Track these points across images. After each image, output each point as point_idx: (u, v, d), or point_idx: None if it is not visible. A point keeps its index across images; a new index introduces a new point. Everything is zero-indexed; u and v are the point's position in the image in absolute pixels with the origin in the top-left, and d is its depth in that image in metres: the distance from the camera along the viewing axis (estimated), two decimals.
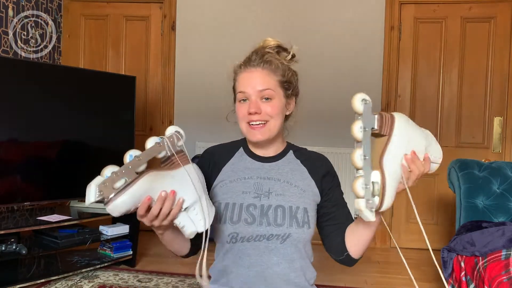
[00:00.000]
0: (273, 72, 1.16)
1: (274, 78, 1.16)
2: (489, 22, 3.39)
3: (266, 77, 1.16)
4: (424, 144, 1.00)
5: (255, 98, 1.14)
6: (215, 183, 1.22)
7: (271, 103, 1.15)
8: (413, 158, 0.98)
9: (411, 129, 0.99)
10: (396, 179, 0.97)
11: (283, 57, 1.20)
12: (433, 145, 1.03)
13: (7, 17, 3.08)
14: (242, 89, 1.16)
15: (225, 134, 1.56)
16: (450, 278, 1.99)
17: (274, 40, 1.21)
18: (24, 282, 2.29)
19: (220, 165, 1.23)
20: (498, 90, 3.39)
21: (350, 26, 3.51)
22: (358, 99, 0.98)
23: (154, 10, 3.71)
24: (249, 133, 1.17)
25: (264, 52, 1.19)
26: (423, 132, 1.02)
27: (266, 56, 1.17)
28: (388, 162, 0.96)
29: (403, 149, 0.97)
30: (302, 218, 1.15)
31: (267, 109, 1.14)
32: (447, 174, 2.37)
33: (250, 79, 1.16)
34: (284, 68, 1.19)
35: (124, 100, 2.93)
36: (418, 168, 0.98)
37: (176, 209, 0.96)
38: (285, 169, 1.22)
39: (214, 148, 1.29)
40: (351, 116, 1.05)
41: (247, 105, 1.15)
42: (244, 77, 1.17)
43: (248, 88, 1.15)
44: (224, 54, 3.57)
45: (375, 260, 3.15)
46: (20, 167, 2.48)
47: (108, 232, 2.69)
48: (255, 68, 1.16)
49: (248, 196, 1.16)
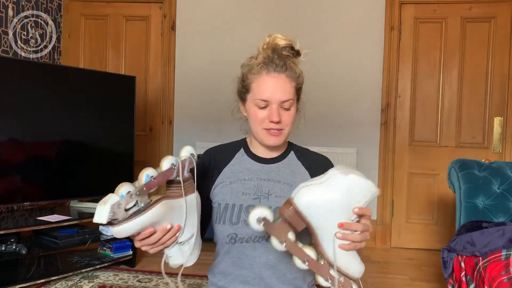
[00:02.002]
0: (293, 79, 1.14)
1: (293, 85, 1.14)
2: (489, 22, 3.39)
3: (288, 85, 1.12)
4: (347, 205, 0.91)
5: (276, 107, 1.12)
6: (215, 184, 1.22)
7: (289, 112, 1.14)
8: (343, 234, 0.92)
9: (322, 209, 0.91)
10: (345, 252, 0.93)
11: (298, 62, 1.17)
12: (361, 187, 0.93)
13: (7, 17, 3.08)
14: (264, 97, 1.12)
15: (225, 134, 1.57)
16: (450, 278, 1.99)
17: (285, 38, 1.16)
18: (24, 282, 2.29)
19: (221, 167, 1.23)
20: (498, 90, 3.39)
21: (350, 26, 3.51)
22: (253, 220, 0.93)
23: (154, 10, 3.71)
24: (266, 138, 1.16)
25: (285, 55, 1.14)
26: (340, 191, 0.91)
27: (288, 61, 1.13)
28: (327, 249, 0.92)
29: (330, 231, 0.91)
30: None
31: (285, 118, 1.13)
32: (447, 174, 2.37)
33: (274, 87, 1.12)
34: (300, 74, 1.16)
35: (124, 100, 2.93)
36: (356, 232, 0.92)
37: (172, 240, 0.97)
38: (285, 171, 1.21)
39: (215, 149, 1.28)
40: (351, 116, 1.05)
41: (266, 111, 1.13)
42: (267, 82, 1.12)
43: (271, 97, 1.11)
44: (224, 54, 3.58)
45: (375, 260, 3.15)
46: (20, 167, 2.48)
47: (108, 232, 2.69)
48: (279, 74, 1.12)
49: (248, 198, 1.16)
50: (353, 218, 0.92)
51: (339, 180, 0.91)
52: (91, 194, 2.81)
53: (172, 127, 3.70)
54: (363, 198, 0.91)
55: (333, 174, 0.92)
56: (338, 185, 0.90)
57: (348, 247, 0.93)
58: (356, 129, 3.50)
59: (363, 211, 0.92)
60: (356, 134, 3.51)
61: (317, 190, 0.91)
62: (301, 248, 0.93)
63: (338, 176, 0.91)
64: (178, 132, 3.70)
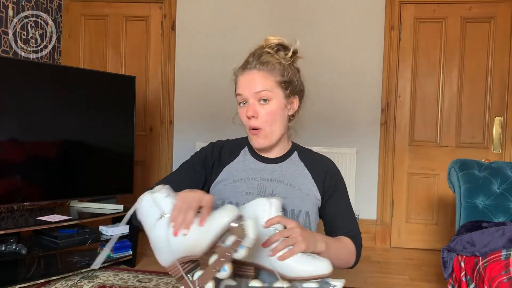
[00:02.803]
0: (269, 73, 1.15)
1: (272, 79, 1.15)
2: (489, 22, 3.39)
3: (263, 78, 1.15)
4: None
5: (252, 101, 1.15)
6: (216, 180, 1.22)
7: (267, 106, 1.15)
8: (273, 250, 0.95)
9: None
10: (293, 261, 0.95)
11: (282, 56, 1.18)
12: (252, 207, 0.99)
13: (7, 17, 3.08)
14: (239, 92, 1.17)
15: (225, 134, 1.57)
16: (450, 278, 1.99)
17: (276, 38, 1.19)
18: (24, 282, 2.29)
19: (225, 163, 1.23)
20: (498, 90, 3.39)
21: (350, 26, 3.51)
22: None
23: (154, 10, 3.71)
24: (252, 139, 1.19)
25: (262, 52, 1.17)
26: None
27: (263, 57, 1.16)
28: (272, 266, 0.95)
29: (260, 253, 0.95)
30: (304, 222, 1.16)
31: (263, 114, 1.14)
32: (447, 174, 2.37)
33: (247, 82, 1.16)
34: (283, 68, 1.17)
35: (124, 100, 2.93)
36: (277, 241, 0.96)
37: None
38: (288, 171, 1.22)
39: (222, 143, 1.29)
40: (351, 116, 1.05)
41: (245, 108, 1.16)
42: (242, 80, 1.17)
43: (245, 90, 1.15)
44: (224, 54, 3.58)
45: (375, 260, 3.15)
46: (20, 167, 2.48)
47: (108, 232, 2.69)
48: (251, 71, 1.16)
49: (252, 197, 1.16)
50: (271, 231, 0.95)
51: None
52: (91, 194, 2.81)
53: (172, 127, 3.70)
54: (263, 213, 0.96)
55: None
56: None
57: (287, 255, 0.95)
58: (356, 129, 3.50)
59: (270, 223, 0.97)
60: (356, 134, 3.51)
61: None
62: None
63: None
64: (178, 132, 3.70)
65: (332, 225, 1.24)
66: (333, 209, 1.22)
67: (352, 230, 1.22)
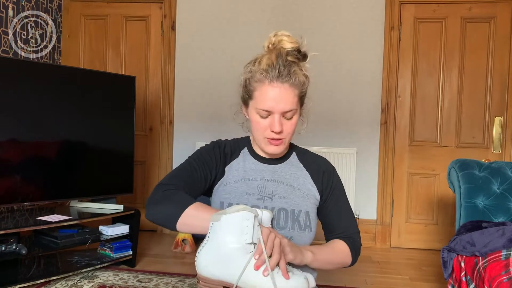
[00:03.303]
0: (297, 87, 1.10)
1: (297, 93, 1.11)
2: (489, 22, 3.39)
3: (291, 95, 1.09)
4: (239, 245, 0.94)
5: (278, 117, 1.10)
6: (220, 181, 1.21)
7: (291, 122, 1.13)
8: (256, 266, 0.93)
9: (221, 263, 0.94)
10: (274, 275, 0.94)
11: (304, 67, 1.13)
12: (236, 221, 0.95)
13: (7, 17, 3.08)
14: (266, 107, 1.09)
15: (225, 134, 1.57)
16: (450, 278, 1.99)
17: (291, 41, 1.12)
18: (24, 282, 2.29)
19: (226, 162, 1.23)
20: (498, 90, 3.39)
21: (350, 26, 3.51)
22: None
23: (154, 10, 3.71)
24: (267, 146, 1.15)
25: (290, 61, 1.10)
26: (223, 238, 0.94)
27: (293, 69, 1.09)
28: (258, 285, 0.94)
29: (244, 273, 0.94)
30: (304, 222, 1.16)
31: (287, 127, 1.13)
32: (447, 174, 2.37)
33: (277, 98, 1.08)
34: (304, 80, 1.12)
35: (124, 100, 2.93)
36: None
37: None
38: (288, 172, 1.22)
39: (225, 143, 1.27)
40: (351, 116, 1.05)
41: (268, 120, 1.11)
42: (269, 92, 1.09)
43: (274, 108, 1.09)
44: (224, 54, 3.58)
45: (375, 260, 3.15)
46: (20, 167, 2.48)
47: (108, 232, 2.69)
48: (282, 84, 1.08)
49: (252, 198, 1.16)
50: (251, 248, 0.94)
51: (216, 230, 0.94)
52: (91, 194, 2.81)
53: (172, 127, 3.70)
54: (246, 229, 0.93)
55: (211, 226, 0.96)
56: (218, 234, 0.94)
57: (282, 265, 0.93)
58: (356, 129, 3.50)
59: (258, 250, 0.93)
60: (356, 134, 3.51)
61: (206, 250, 0.95)
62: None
63: (214, 226, 0.95)
64: (178, 132, 3.70)
65: (329, 225, 1.24)
66: (330, 209, 1.23)
67: (348, 230, 1.22)
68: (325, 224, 1.26)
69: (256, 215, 0.94)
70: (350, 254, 1.20)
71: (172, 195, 1.06)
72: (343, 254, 1.19)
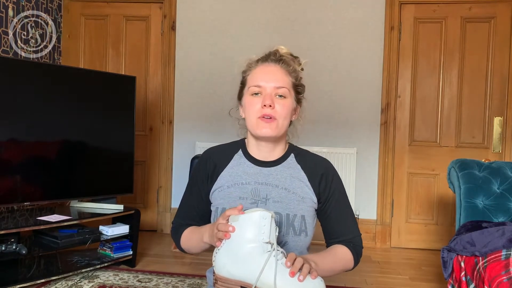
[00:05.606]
0: (289, 73, 1.17)
1: (290, 78, 1.17)
2: (489, 22, 3.39)
3: (283, 75, 1.16)
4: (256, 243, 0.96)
5: (270, 92, 1.13)
6: (214, 188, 1.21)
7: (284, 101, 1.14)
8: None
9: (240, 262, 0.96)
10: None
11: (297, 63, 1.22)
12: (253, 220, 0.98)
13: (7, 17, 3.08)
14: (257, 83, 1.15)
15: (225, 134, 1.57)
16: (450, 278, 1.99)
17: (287, 49, 1.22)
18: (24, 282, 2.29)
19: (219, 170, 1.22)
20: (498, 90, 3.39)
21: (350, 26, 3.51)
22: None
23: (154, 10, 3.71)
24: (259, 126, 1.14)
25: (281, 54, 1.19)
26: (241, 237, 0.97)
27: (284, 57, 1.18)
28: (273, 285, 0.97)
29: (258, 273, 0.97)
30: (299, 226, 1.14)
31: (280, 107, 1.13)
32: (447, 174, 2.37)
33: (268, 74, 1.15)
34: (297, 73, 1.20)
35: (124, 100, 2.93)
36: None
37: None
38: (284, 175, 1.19)
39: (214, 151, 1.27)
40: (351, 116, 1.05)
41: (260, 99, 1.13)
42: (261, 71, 1.17)
43: (265, 82, 1.14)
44: (224, 54, 3.58)
45: (375, 260, 3.15)
46: (20, 167, 2.48)
47: (108, 232, 2.69)
48: (273, 64, 1.17)
49: (245, 202, 1.15)
50: (268, 247, 0.95)
51: (236, 230, 0.97)
52: (91, 194, 2.81)
53: (172, 127, 3.70)
54: (263, 228, 0.95)
55: None
56: (236, 234, 0.96)
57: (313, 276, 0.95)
58: (356, 129, 3.50)
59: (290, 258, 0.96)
60: (356, 134, 3.51)
61: (224, 250, 0.97)
62: None
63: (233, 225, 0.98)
64: (178, 132, 3.70)
65: (329, 229, 1.23)
66: (329, 212, 1.21)
67: (349, 234, 1.21)
68: (325, 228, 1.24)
69: (273, 215, 0.98)
70: (353, 259, 1.19)
71: (173, 234, 1.32)
72: (345, 261, 1.18)
